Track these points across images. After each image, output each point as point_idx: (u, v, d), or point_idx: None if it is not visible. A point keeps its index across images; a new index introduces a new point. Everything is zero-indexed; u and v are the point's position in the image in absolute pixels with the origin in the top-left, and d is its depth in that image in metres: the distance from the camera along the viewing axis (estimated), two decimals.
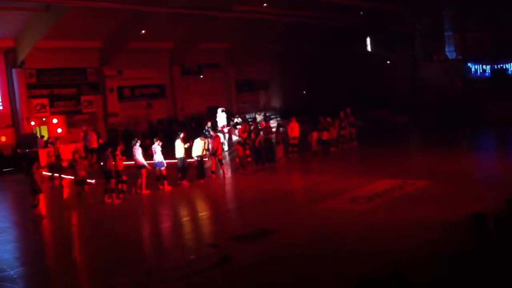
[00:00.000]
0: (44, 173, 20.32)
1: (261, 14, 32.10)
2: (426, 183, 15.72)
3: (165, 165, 17.92)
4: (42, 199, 15.18)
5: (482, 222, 8.45)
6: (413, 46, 35.96)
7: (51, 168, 22.05)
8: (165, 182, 17.98)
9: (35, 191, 15.13)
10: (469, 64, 34.51)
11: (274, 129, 22.80)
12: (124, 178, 17.05)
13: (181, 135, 18.75)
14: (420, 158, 21.68)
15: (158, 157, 17.80)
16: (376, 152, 23.17)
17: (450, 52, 35.90)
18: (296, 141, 23.08)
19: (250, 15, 31.80)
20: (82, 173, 16.37)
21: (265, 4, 30.81)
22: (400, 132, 29.73)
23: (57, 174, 21.19)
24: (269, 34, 36.54)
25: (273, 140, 22.29)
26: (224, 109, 32.35)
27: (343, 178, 17.96)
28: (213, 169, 19.72)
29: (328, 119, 24.42)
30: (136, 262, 10.95)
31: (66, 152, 23.37)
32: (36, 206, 15.18)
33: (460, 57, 35.17)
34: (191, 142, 19.04)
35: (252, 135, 21.77)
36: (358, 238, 11.11)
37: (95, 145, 25.41)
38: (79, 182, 16.37)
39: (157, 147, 17.88)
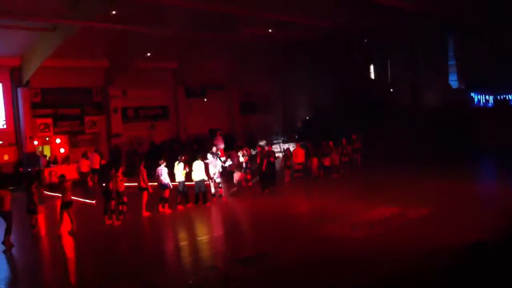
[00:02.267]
0: (46, 192, 20.30)
1: (265, 37, 32.33)
2: (427, 210, 15.64)
3: (171, 187, 17.93)
4: (42, 219, 15.14)
5: (482, 251, 8.40)
6: (416, 73, 36.22)
7: (51, 188, 22.04)
8: (166, 205, 17.95)
9: (31, 210, 15.08)
10: (472, 94, 34.59)
11: (277, 154, 22.87)
12: (125, 199, 17.01)
13: (182, 158, 18.77)
14: (422, 184, 21.60)
15: (165, 178, 17.82)
16: (378, 178, 23.11)
17: (453, 81, 36.00)
18: (301, 167, 23.13)
19: (253, 38, 32.06)
20: (70, 195, 15.87)
21: (270, 30, 31.02)
22: (402, 157, 29.69)
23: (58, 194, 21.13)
24: (272, 56, 36.77)
25: (276, 165, 22.33)
26: (222, 133, 32.33)
27: (344, 203, 17.91)
28: (213, 192, 19.72)
29: (331, 144, 24.47)
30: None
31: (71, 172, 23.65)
32: (34, 226, 15.13)
33: (462, 86, 35.27)
34: (187, 165, 18.88)
35: (258, 159, 21.74)
36: (358, 266, 11.01)
37: (97, 166, 25.43)
38: (66, 205, 15.69)
39: (163, 169, 17.91)
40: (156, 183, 18.16)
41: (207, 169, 19.66)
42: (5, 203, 14.42)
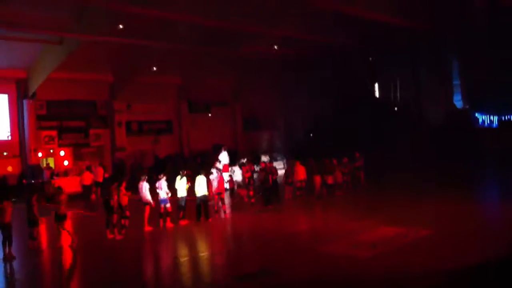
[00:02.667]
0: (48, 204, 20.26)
1: (269, 54, 32.49)
2: (430, 231, 15.57)
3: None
4: (43, 231, 15.13)
5: (482, 274, 8.37)
6: (420, 92, 36.37)
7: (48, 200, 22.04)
8: (168, 219, 17.93)
9: (32, 222, 15.06)
10: (476, 114, 34.62)
11: (279, 171, 22.83)
12: (127, 213, 17.00)
13: (185, 173, 18.76)
14: (424, 204, 21.54)
15: (163, 193, 17.80)
16: (381, 197, 23.06)
17: (457, 102, 36.06)
18: (303, 184, 23.05)
19: (257, 55, 32.23)
20: (64, 208, 15.66)
21: (275, 47, 31.19)
22: (406, 176, 29.64)
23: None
24: (276, 72, 36.90)
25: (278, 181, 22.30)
26: (227, 148, 32.37)
27: (347, 222, 17.85)
28: (215, 208, 19.70)
29: (335, 161, 24.44)
30: None
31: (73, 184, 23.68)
32: (35, 238, 15.12)
33: (467, 106, 35.31)
34: (189, 181, 18.89)
35: (262, 175, 21.72)
36: (359, 286, 10.97)
37: (100, 179, 25.46)
38: (60, 218, 15.47)
39: (163, 183, 17.90)
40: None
41: (210, 184, 19.67)
42: (6, 214, 14.41)
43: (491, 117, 34.47)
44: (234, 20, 25.22)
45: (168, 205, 17.87)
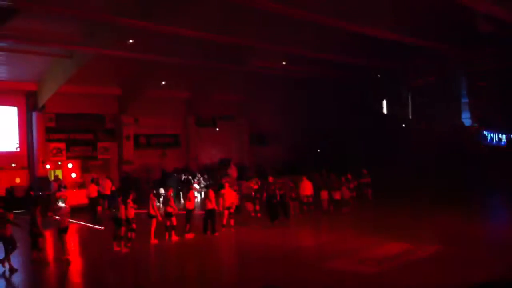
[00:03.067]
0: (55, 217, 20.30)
1: (276, 70, 32.61)
2: (437, 247, 15.48)
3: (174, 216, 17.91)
4: (49, 243, 15.14)
5: None
6: (428, 109, 36.41)
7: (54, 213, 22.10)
8: (173, 232, 17.94)
9: (35, 234, 15.04)
10: (484, 132, 34.53)
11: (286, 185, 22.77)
12: (134, 226, 17.04)
13: (194, 185, 18.84)
14: (432, 220, 21.44)
15: (169, 207, 17.83)
16: (388, 213, 22.98)
17: (466, 119, 36.01)
18: (311, 199, 23.02)
19: (265, 71, 32.36)
20: (66, 221, 15.69)
21: (284, 63, 31.32)
22: (413, 193, 29.54)
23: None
24: (282, 88, 37.02)
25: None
26: (236, 162, 32.46)
27: (353, 238, 17.79)
28: (224, 222, 19.69)
29: (342, 178, 24.46)
30: None
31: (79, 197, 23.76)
32: (41, 250, 15.12)
33: (476, 124, 35.24)
34: (192, 193, 18.95)
35: (270, 190, 21.65)
36: None
37: (108, 191, 25.54)
38: (62, 230, 15.48)
39: (169, 197, 17.96)
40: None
41: (220, 198, 19.68)
42: (7, 227, 14.38)
43: (499, 135, 34.36)
44: (243, 36, 25.34)
45: (173, 218, 17.89)
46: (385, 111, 41.45)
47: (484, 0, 22.46)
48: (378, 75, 36.59)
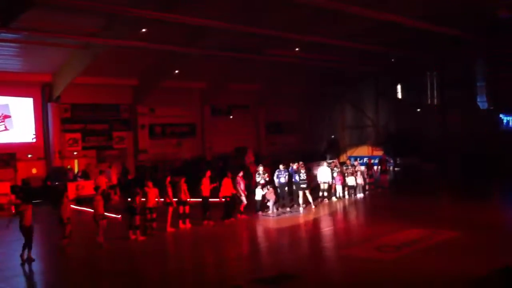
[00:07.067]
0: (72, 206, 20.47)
1: (291, 58, 32.40)
2: (455, 233, 15.36)
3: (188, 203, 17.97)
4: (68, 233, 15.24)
5: (510, 277, 8.21)
6: (444, 93, 36.09)
7: (79, 202, 22.29)
8: (187, 220, 17.99)
9: (63, 221, 15.14)
10: (501, 115, 34.07)
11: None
12: (154, 215, 17.13)
13: (207, 174, 18.84)
14: (450, 207, 21.30)
15: (184, 194, 17.89)
16: (405, 200, 22.88)
17: (481, 103, 35.55)
18: (326, 187, 23.01)
19: (280, 59, 32.15)
20: (101, 209, 15.83)
21: (297, 49, 31.09)
22: (430, 180, 29.35)
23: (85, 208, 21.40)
24: (298, 77, 36.82)
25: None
26: (252, 150, 32.41)
27: (370, 225, 17.74)
28: (242, 209, 19.70)
29: (356, 163, 24.43)
30: None
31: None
32: (67, 237, 15.22)
33: (491, 107, 34.79)
34: (217, 182, 19.07)
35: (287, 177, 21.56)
36: None
37: (115, 181, 25.87)
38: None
39: (183, 184, 18.00)
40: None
41: (239, 185, 19.60)
42: (26, 217, 14.45)
43: None
44: (257, 25, 25.23)
45: (187, 206, 17.94)
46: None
47: None
48: (392, 59, 36.17)
